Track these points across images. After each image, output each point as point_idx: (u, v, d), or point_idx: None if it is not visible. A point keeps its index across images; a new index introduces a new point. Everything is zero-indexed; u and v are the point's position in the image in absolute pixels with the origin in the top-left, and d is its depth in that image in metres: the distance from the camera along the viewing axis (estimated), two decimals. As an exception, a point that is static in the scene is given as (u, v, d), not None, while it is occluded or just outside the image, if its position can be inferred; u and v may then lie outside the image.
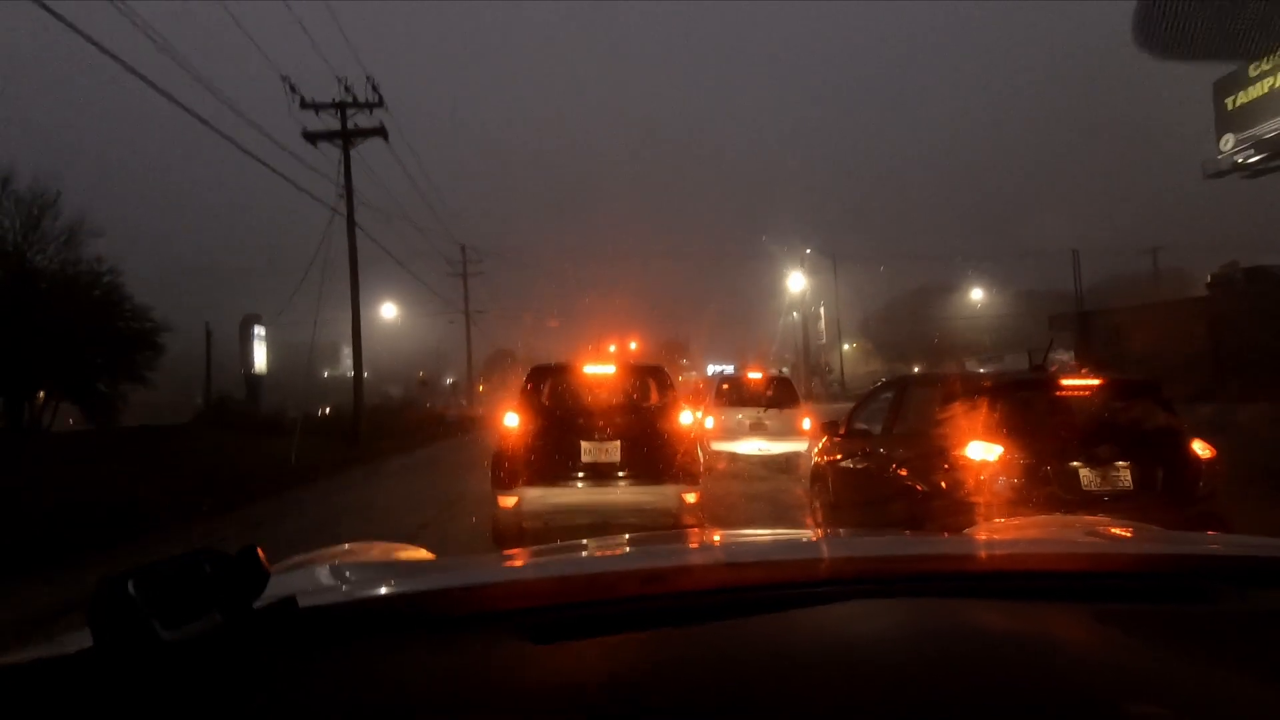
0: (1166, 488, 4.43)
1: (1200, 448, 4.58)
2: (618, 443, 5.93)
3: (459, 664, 0.76)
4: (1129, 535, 1.43)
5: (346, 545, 1.49)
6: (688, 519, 5.87)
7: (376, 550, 1.46)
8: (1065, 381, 4.85)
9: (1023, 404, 4.74)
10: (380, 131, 19.15)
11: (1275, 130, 26.00)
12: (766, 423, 11.38)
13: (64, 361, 18.41)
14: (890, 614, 0.86)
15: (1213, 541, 1.44)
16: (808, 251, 42.83)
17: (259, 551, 0.70)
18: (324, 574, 1.17)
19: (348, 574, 1.13)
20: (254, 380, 32.18)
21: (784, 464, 11.17)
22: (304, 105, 18.33)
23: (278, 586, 0.94)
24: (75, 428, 21.47)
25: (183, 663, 0.61)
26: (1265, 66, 26.16)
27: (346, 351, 24.13)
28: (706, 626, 0.82)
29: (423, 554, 1.46)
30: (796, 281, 42.64)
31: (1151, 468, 4.43)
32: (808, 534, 1.99)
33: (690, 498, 5.91)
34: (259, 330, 32.38)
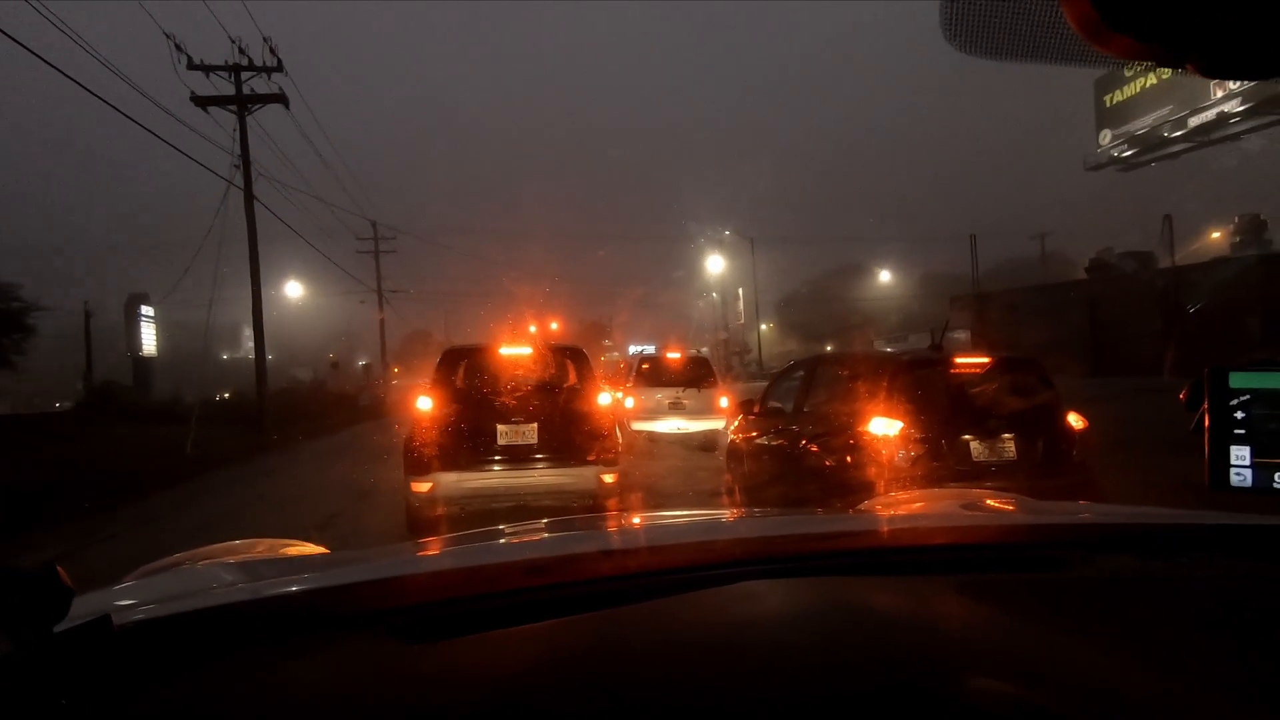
0: (1045, 457, 4.81)
1: (1075, 419, 5.00)
2: (534, 425, 5.88)
3: (320, 672, 0.72)
4: (1000, 508, 1.54)
5: (229, 544, 1.39)
6: (606, 500, 5.90)
7: (261, 548, 1.37)
8: (958, 360, 5.16)
9: (920, 381, 5.02)
10: (280, 98, 17.96)
11: (1145, 127, 28.43)
12: (685, 402, 11.56)
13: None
14: (773, 594, 0.89)
15: (1072, 511, 1.57)
16: (726, 234, 43.64)
17: (59, 569, 0.62)
18: (189, 577, 1.08)
19: (217, 576, 1.05)
20: (142, 364, 29.84)
21: (702, 442, 11.39)
22: (192, 66, 16.94)
23: (126, 596, 0.86)
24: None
25: None
26: (1139, 66, 28.47)
27: (248, 333, 22.73)
28: (592, 615, 0.82)
29: (313, 549, 1.39)
30: (715, 263, 43.40)
31: (1032, 439, 4.80)
32: (711, 516, 2.03)
33: (609, 478, 5.93)
34: (146, 310, 30.00)
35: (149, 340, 30.26)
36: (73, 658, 0.64)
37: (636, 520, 1.86)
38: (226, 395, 26.51)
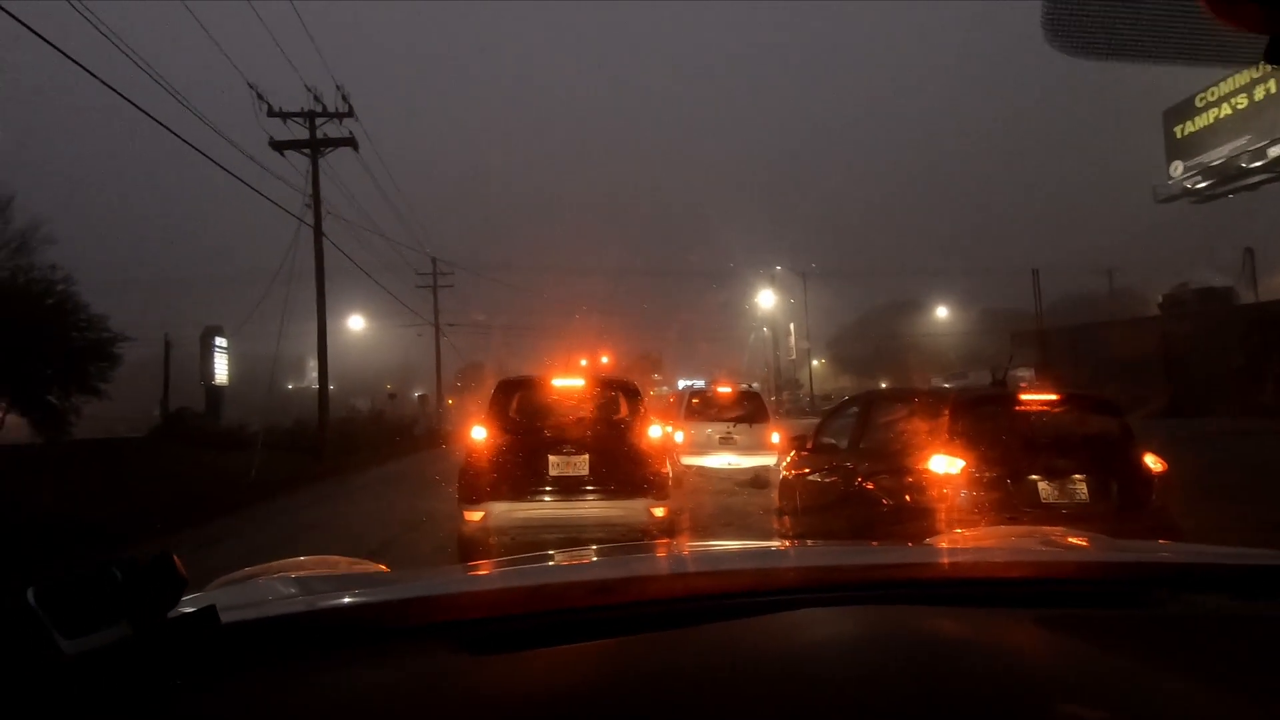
0: (1120, 499, 4.55)
1: (1152, 460, 4.72)
2: (586, 456, 5.90)
3: (394, 679, 0.74)
4: (1077, 544, 1.46)
5: (297, 559, 1.44)
6: (657, 533, 5.84)
7: (327, 565, 1.42)
8: (1024, 396, 4.96)
9: (984, 418, 4.84)
10: (350, 141, 18.96)
11: (1221, 158, 27.30)
12: (736, 437, 11.43)
13: (12, 371, 17.75)
14: (839, 621, 0.87)
15: (1155, 549, 1.48)
16: (778, 269, 43.52)
17: (175, 558, 0.67)
18: (263, 588, 1.13)
19: (288, 588, 1.10)
20: (214, 392, 31.29)
21: (753, 478, 11.21)
22: (271, 113, 18.08)
23: (213, 600, 0.90)
24: (17, 440, 20.62)
25: (83, 676, 0.58)
26: (1210, 97, 27.50)
27: (311, 364, 23.70)
28: (655, 636, 0.81)
29: (376, 568, 1.43)
30: (767, 298, 43.24)
31: (1106, 480, 4.55)
32: (767, 545, 1.99)
33: (659, 511, 5.89)
34: (220, 341, 31.57)
35: (222, 370, 31.77)
36: (184, 643, 0.68)
37: (697, 547, 1.84)
38: (279, 424, 27.45)
